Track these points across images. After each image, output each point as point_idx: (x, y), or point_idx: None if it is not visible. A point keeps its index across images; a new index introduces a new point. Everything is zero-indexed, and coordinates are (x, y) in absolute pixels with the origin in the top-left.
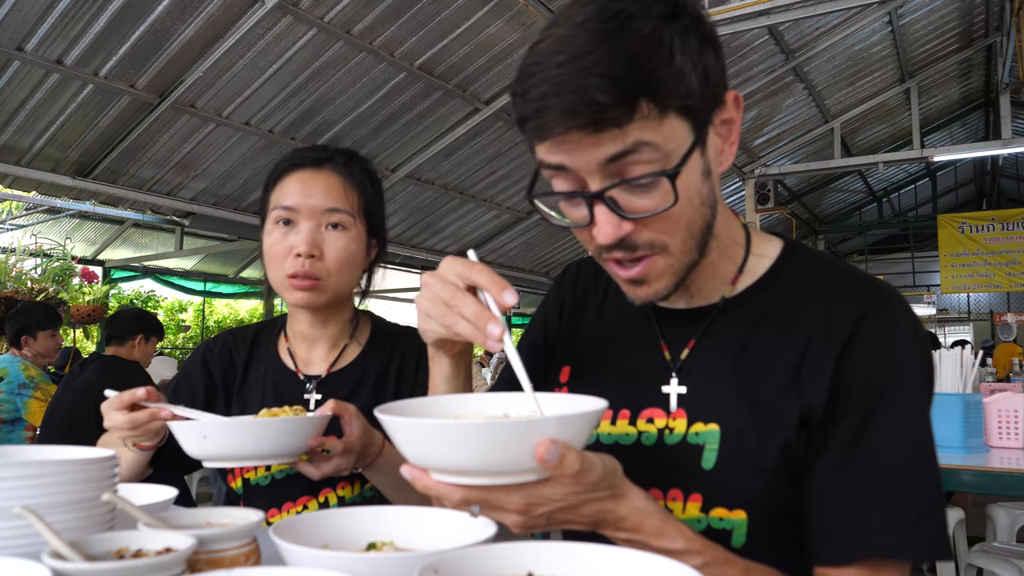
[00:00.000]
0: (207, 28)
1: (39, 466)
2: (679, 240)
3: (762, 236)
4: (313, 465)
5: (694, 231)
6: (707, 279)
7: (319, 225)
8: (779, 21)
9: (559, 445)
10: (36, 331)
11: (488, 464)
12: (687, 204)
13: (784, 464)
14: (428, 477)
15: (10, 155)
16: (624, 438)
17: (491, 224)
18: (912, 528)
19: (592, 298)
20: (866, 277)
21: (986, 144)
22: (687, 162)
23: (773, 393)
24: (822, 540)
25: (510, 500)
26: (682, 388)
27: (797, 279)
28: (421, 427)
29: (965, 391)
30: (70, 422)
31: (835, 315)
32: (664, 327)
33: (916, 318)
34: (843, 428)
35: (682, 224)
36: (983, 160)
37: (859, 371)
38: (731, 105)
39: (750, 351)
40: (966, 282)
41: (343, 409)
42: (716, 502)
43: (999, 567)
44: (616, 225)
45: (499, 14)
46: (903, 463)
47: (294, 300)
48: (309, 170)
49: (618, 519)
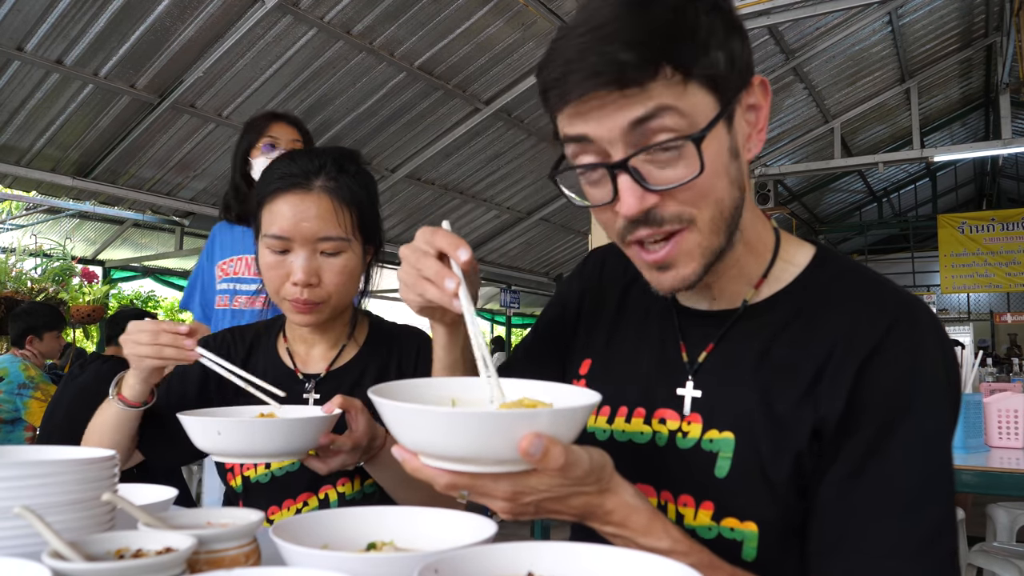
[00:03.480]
0: (207, 28)
1: (39, 466)
2: (707, 215)
3: (793, 242)
4: (321, 460)
5: (723, 208)
6: (732, 279)
7: (314, 251)
8: (779, 21)
9: (543, 439)
10: (43, 331)
11: (475, 453)
12: (714, 176)
13: (796, 478)
14: (417, 460)
15: (10, 155)
16: (639, 436)
17: (491, 224)
18: (914, 555)
19: (615, 291)
20: (898, 291)
21: (986, 144)
22: (713, 129)
23: (790, 404)
24: (822, 556)
25: (497, 488)
26: (697, 392)
27: (825, 288)
28: (411, 412)
29: (965, 391)
30: (70, 422)
31: (860, 326)
32: (685, 327)
33: (946, 338)
34: (855, 443)
35: (710, 198)
36: (983, 160)
37: (879, 386)
38: (758, 89)
39: (770, 360)
40: (966, 282)
41: (350, 404)
42: (728, 512)
43: (999, 567)
44: (640, 196)
45: (499, 14)
46: (913, 486)
47: (296, 321)
48: (299, 193)
49: (606, 513)
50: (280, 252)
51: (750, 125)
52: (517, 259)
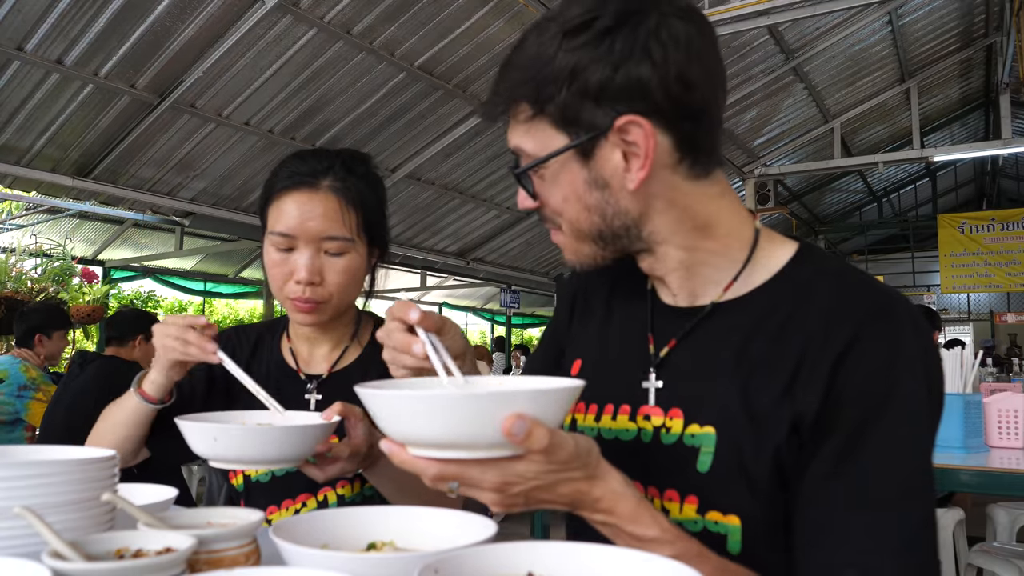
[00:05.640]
0: (207, 28)
1: (39, 466)
2: (568, 227)
3: (775, 239)
4: (319, 468)
5: (581, 228)
6: (706, 278)
7: (318, 250)
8: (779, 21)
9: (526, 420)
10: (52, 331)
11: (459, 437)
12: (562, 202)
13: (776, 473)
14: (405, 452)
15: (10, 155)
16: (624, 433)
17: (491, 224)
18: (895, 552)
19: (603, 291)
20: (877, 287)
21: (986, 144)
22: (547, 164)
23: (769, 399)
24: (806, 552)
25: (485, 478)
26: (659, 383)
27: (803, 285)
28: (394, 398)
29: (965, 391)
30: (70, 422)
31: (836, 321)
32: (656, 323)
33: (926, 332)
34: (834, 440)
35: (565, 217)
36: (983, 160)
37: (854, 382)
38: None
39: (749, 355)
40: (966, 282)
41: (349, 412)
42: (711, 506)
43: (999, 567)
44: (525, 198)
45: (499, 14)
46: (895, 479)
47: (298, 320)
48: (306, 191)
49: (594, 500)
50: (285, 250)
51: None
52: (517, 259)
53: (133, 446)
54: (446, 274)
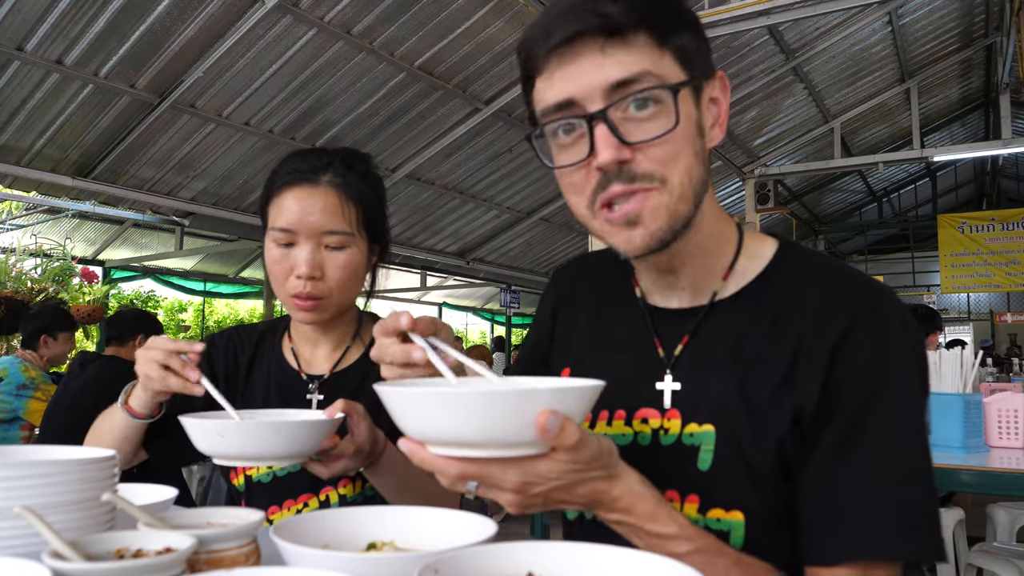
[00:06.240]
0: (207, 28)
1: (39, 466)
2: (676, 179)
3: (756, 236)
4: (323, 465)
5: (691, 175)
6: (698, 268)
7: (319, 245)
8: (779, 21)
9: (559, 416)
10: (58, 332)
11: (486, 434)
12: (685, 136)
13: (779, 465)
14: (425, 451)
15: (10, 155)
16: (620, 439)
17: (491, 224)
18: (903, 531)
19: (588, 299)
20: (862, 278)
21: (986, 144)
22: (684, 90)
23: (767, 394)
24: (812, 540)
25: (507, 478)
26: (676, 385)
27: (791, 279)
28: (418, 396)
29: (965, 391)
30: (70, 422)
31: (828, 315)
32: (658, 326)
33: (911, 320)
34: (835, 429)
35: (680, 161)
36: (983, 160)
37: (851, 372)
38: (719, 83)
39: (744, 352)
40: (966, 282)
41: (352, 409)
42: (713, 503)
43: (999, 567)
44: (616, 147)
45: (499, 14)
46: (894, 466)
47: (298, 318)
48: (306, 187)
49: (612, 499)
50: (285, 245)
51: (712, 116)
52: (517, 259)
53: (126, 456)
54: (446, 274)
